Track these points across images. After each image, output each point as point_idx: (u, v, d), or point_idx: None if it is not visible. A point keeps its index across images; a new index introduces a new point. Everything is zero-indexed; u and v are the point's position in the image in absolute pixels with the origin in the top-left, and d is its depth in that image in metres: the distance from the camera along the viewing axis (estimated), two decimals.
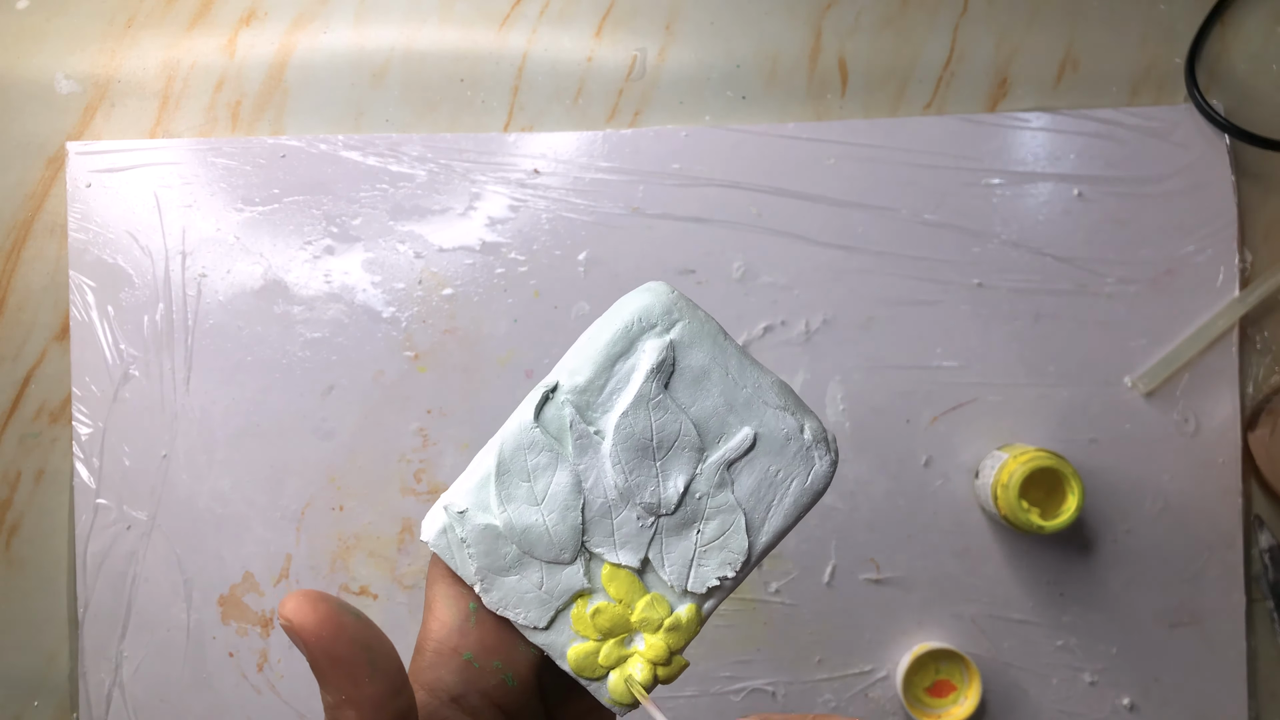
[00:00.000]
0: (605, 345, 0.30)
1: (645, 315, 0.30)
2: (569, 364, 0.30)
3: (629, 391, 0.29)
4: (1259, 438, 0.57)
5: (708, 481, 0.30)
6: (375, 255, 0.60)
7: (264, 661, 0.59)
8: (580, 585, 0.30)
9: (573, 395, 0.29)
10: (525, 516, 0.29)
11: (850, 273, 0.59)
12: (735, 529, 0.30)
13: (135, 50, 0.62)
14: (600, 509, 0.30)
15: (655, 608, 0.30)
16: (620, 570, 0.30)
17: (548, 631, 0.30)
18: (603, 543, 0.30)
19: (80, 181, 0.60)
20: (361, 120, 0.61)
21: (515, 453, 0.29)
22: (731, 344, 0.31)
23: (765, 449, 0.30)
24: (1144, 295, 0.59)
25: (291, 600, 0.24)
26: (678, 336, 0.30)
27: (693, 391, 0.30)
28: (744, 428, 0.30)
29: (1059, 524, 0.53)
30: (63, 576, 0.60)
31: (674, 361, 0.30)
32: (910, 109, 0.60)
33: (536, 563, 0.29)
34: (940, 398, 0.59)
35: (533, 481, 0.29)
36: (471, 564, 0.29)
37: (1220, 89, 0.60)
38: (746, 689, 0.58)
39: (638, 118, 0.61)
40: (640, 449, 0.29)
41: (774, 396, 0.30)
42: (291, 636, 0.24)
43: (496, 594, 0.29)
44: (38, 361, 0.60)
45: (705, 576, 0.30)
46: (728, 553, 0.30)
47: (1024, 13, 0.61)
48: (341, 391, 0.60)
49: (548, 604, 0.29)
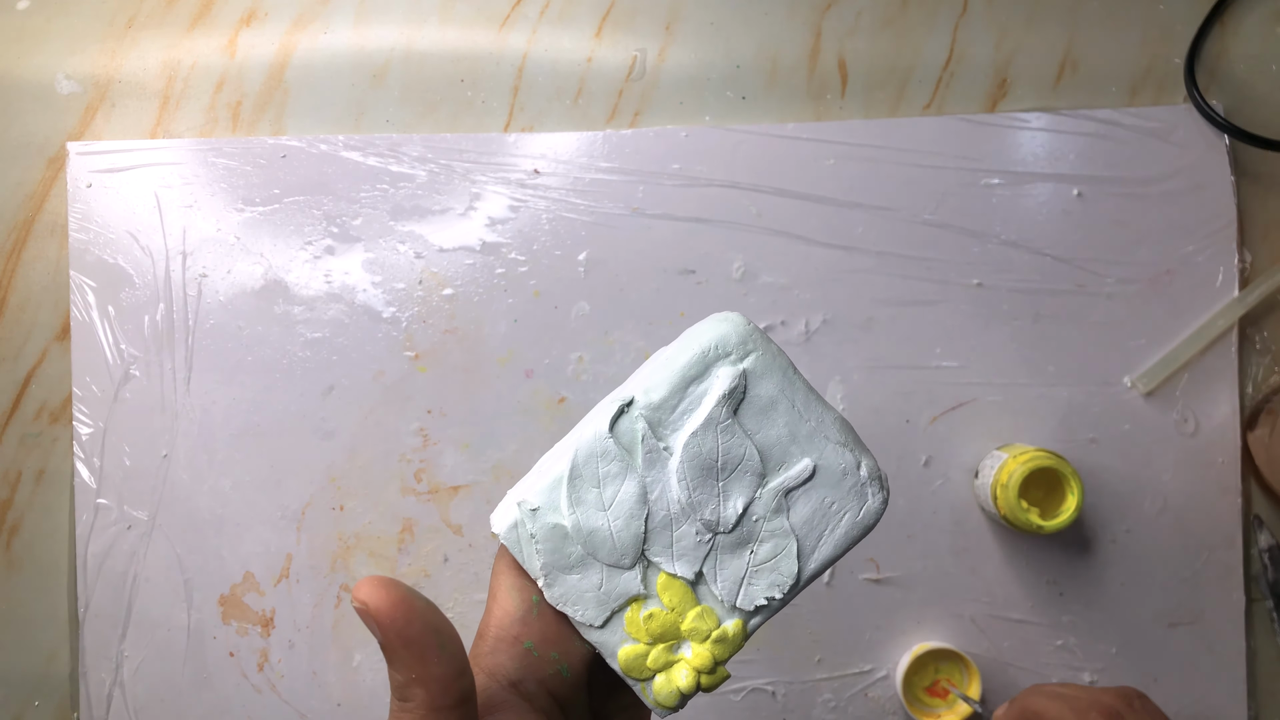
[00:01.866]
0: (682, 368, 0.31)
1: (722, 343, 0.31)
2: (644, 381, 0.32)
3: (700, 413, 0.31)
4: (1258, 438, 0.57)
5: (765, 506, 0.31)
6: (375, 255, 0.60)
7: (264, 661, 0.59)
8: (636, 590, 0.31)
9: (646, 411, 0.31)
10: (592, 520, 0.31)
11: (850, 273, 0.59)
12: (787, 553, 0.32)
13: (136, 51, 0.62)
14: (662, 521, 0.31)
15: (705, 619, 0.31)
16: (675, 580, 0.31)
17: (602, 630, 0.31)
18: (661, 553, 0.31)
19: (81, 181, 0.61)
20: (362, 120, 0.61)
21: (588, 459, 0.31)
22: (800, 379, 0.32)
23: (823, 481, 0.32)
24: (1144, 295, 0.59)
25: (365, 585, 0.25)
26: (750, 366, 0.32)
27: (759, 420, 0.31)
28: (805, 459, 0.32)
29: (1058, 524, 0.53)
30: (63, 576, 0.60)
31: (745, 390, 0.31)
32: (910, 109, 0.60)
33: (598, 565, 0.31)
34: (940, 398, 0.59)
35: (602, 488, 0.31)
36: (538, 560, 0.31)
37: (1220, 89, 0.60)
38: (746, 689, 0.58)
39: (638, 118, 0.61)
40: (705, 469, 0.31)
41: (835, 432, 0.32)
42: (365, 619, 0.26)
43: (558, 590, 0.31)
44: (38, 361, 0.60)
45: (754, 595, 0.32)
46: (778, 575, 0.32)
47: (1023, 13, 0.61)
48: (342, 391, 0.60)
49: (605, 604, 0.31)
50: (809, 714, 0.58)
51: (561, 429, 0.59)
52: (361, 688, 0.59)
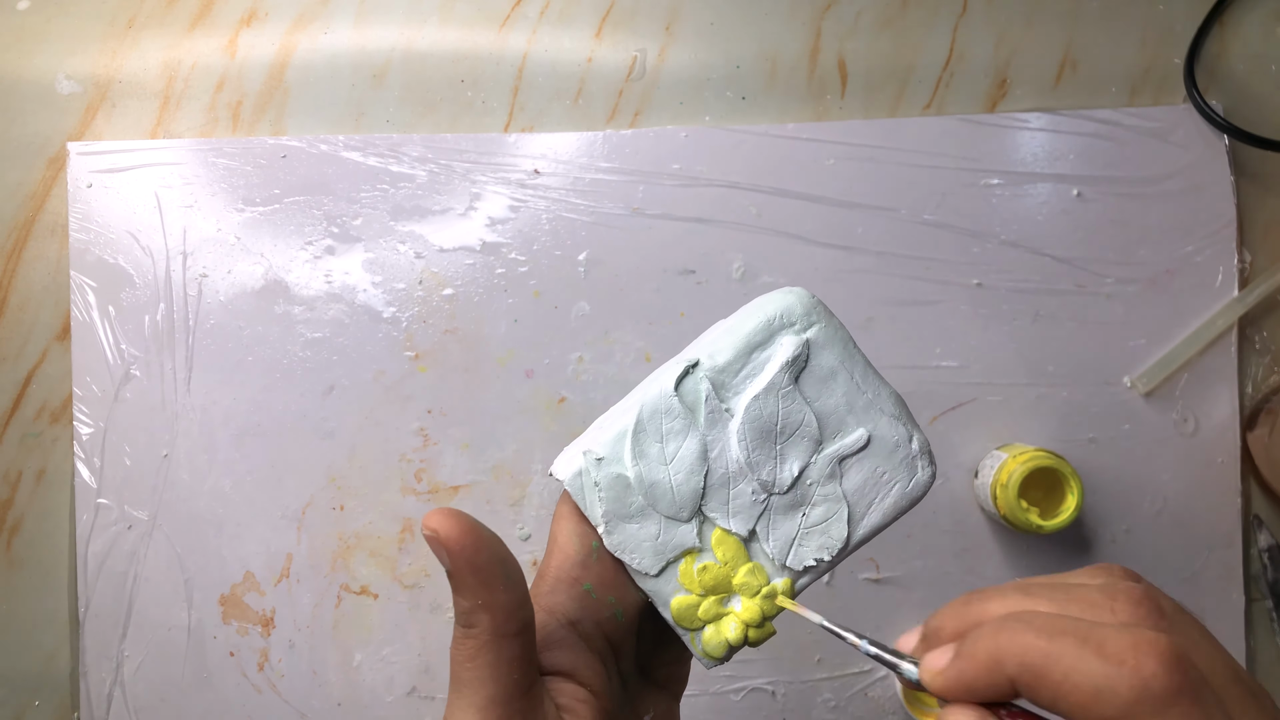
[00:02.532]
0: (748, 334, 0.33)
1: (787, 313, 0.33)
2: (709, 345, 0.33)
3: (762, 378, 0.32)
4: (1258, 437, 0.57)
5: (820, 471, 0.33)
6: (376, 255, 0.60)
7: (265, 661, 0.59)
8: (692, 543, 0.33)
9: (711, 373, 0.32)
10: (654, 473, 0.32)
11: (850, 273, 0.59)
12: (838, 518, 0.33)
13: (136, 51, 0.62)
14: (720, 478, 0.33)
15: (756, 575, 0.33)
16: (730, 536, 0.33)
17: (657, 579, 0.32)
18: (718, 509, 0.33)
19: (81, 182, 0.61)
20: (362, 121, 0.61)
21: (653, 415, 0.32)
22: (859, 353, 0.34)
23: (876, 451, 0.33)
24: (1143, 295, 0.59)
25: (436, 515, 0.27)
26: (814, 337, 0.33)
27: (819, 389, 0.33)
28: (860, 428, 0.33)
29: (1058, 524, 0.54)
30: (64, 576, 0.60)
31: (807, 358, 0.33)
32: (910, 109, 0.61)
33: (657, 516, 0.32)
34: (940, 398, 0.59)
35: (665, 443, 0.32)
36: (600, 507, 0.32)
37: (1219, 89, 0.60)
38: (746, 688, 0.58)
39: (638, 118, 0.61)
40: (765, 431, 0.32)
41: (890, 406, 0.33)
42: (434, 547, 0.27)
43: (618, 537, 0.32)
44: (39, 361, 0.60)
45: (804, 556, 0.33)
46: (827, 538, 0.33)
47: (1023, 13, 0.61)
48: (342, 391, 0.60)
49: (661, 555, 0.32)
50: (809, 714, 0.58)
51: (562, 429, 0.59)
52: (362, 687, 0.59)
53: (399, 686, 0.59)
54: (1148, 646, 0.21)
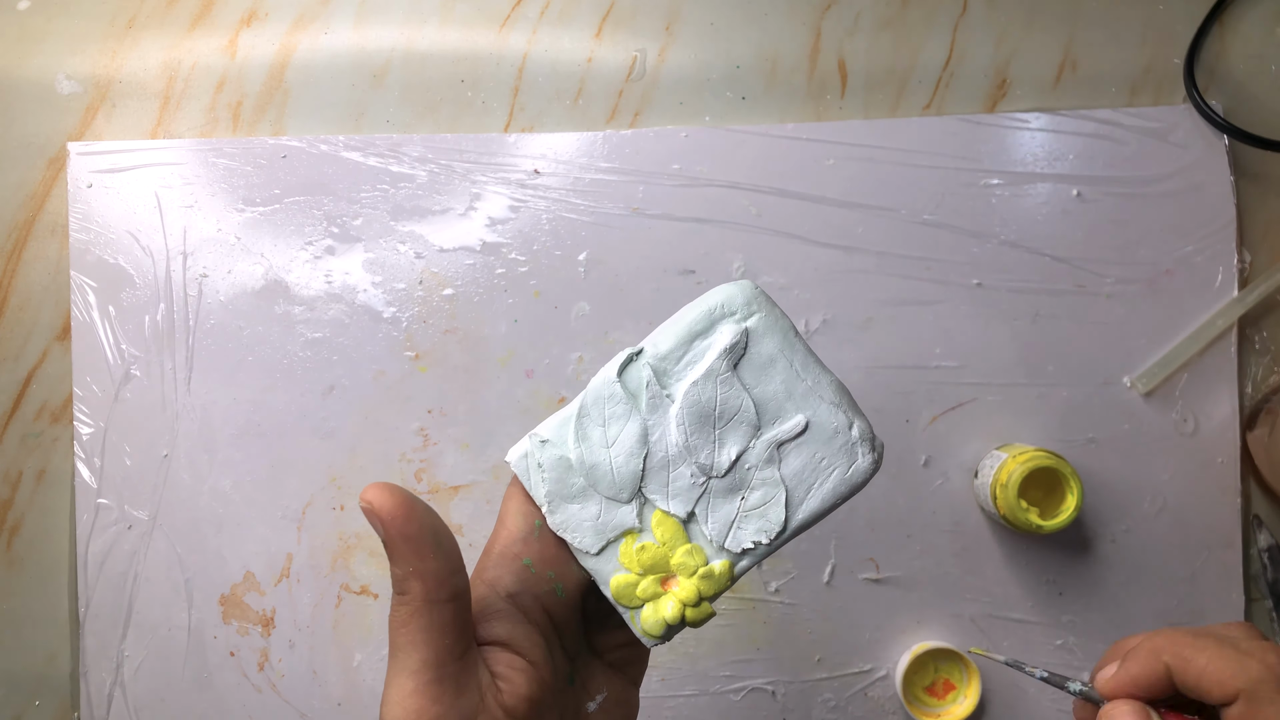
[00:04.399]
0: (689, 323, 0.34)
1: (728, 303, 0.34)
2: (654, 335, 0.34)
3: (701, 365, 0.33)
4: (1258, 437, 0.57)
5: (758, 456, 0.34)
6: (376, 255, 0.60)
7: (265, 661, 0.59)
8: (631, 524, 0.34)
9: (653, 360, 0.34)
10: (595, 455, 0.33)
11: (850, 273, 0.59)
12: (775, 502, 0.34)
13: (136, 51, 0.62)
14: (660, 461, 0.34)
15: (694, 555, 0.34)
16: (669, 518, 0.34)
17: (597, 558, 0.34)
18: (657, 491, 0.34)
19: (81, 182, 0.61)
20: (362, 121, 0.61)
21: (596, 401, 0.34)
22: (801, 342, 0.35)
23: (814, 437, 0.34)
24: (1143, 295, 0.59)
25: (372, 488, 0.29)
26: (753, 325, 0.34)
27: (758, 375, 0.34)
28: (798, 415, 0.34)
29: (1058, 523, 0.54)
30: (64, 576, 0.60)
31: (745, 346, 0.34)
32: (909, 109, 0.61)
33: (598, 497, 0.34)
34: (939, 397, 0.59)
35: (606, 427, 0.33)
36: (543, 487, 0.33)
37: (1219, 89, 0.60)
38: (746, 688, 0.58)
39: (638, 118, 0.61)
40: (703, 416, 0.33)
41: (830, 393, 0.34)
42: (370, 518, 0.29)
43: (559, 517, 0.33)
44: (39, 361, 0.60)
45: (742, 539, 0.34)
46: (765, 521, 0.34)
47: (1023, 14, 0.61)
48: (342, 391, 0.60)
49: (601, 534, 0.33)
50: (809, 714, 0.58)
51: None
52: (362, 687, 0.59)
53: None
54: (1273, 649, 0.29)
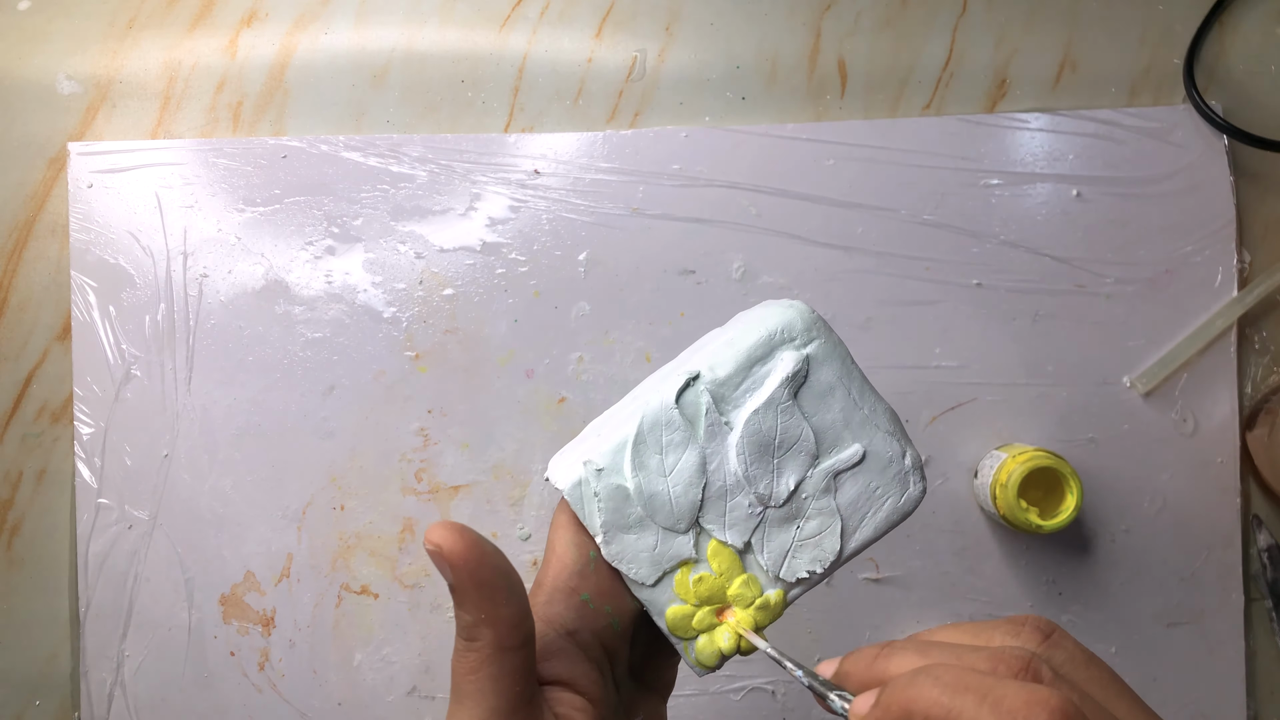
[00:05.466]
0: (749, 348, 0.33)
1: (788, 328, 0.33)
2: (710, 358, 0.34)
3: (762, 393, 0.33)
4: (1257, 437, 0.57)
5: (815, 485, 0.33)
6: (376, 256, 0.60)
7: (265, 660, 0.59)
8: (688, 554, 0.33)
9: (711, 386, 0.33)
10: (653, 484, 0.33)
11: (849, 273, 0.59)
12: (831, 531, 0.34)
13: (136, 51, 0.62)
14: (718, 491, 0.33)
15: (750, 586, 0.33)
16: (725, 548, 0.33)
17: (653, 589, 0.33)
18: (714, 521, 0.33)
19: (82, 182, 0.61)
20: (362, 121, 0.61)
21: (654, 427, 0.33)
22: (857, 369, 0.34)
23: (870, 466, 0.34)
24: (1143, 295, 0.59)
25: (439, 529, 0.27)
26: (813, 352, 0.33)
27: (817, 404, 0.33)
28: (856, 444, 0.34)
29: (1057, 523, 0.54)
30: (64, 576, 0.60)
31: (806, 374, 0.33)
32: (909, 110, 0.61)
33: (654, 527, 0.33)
34: (939, 398, 0.59)
35: (664, 455, 0.33)
36: (599, 517, 0.33)
37: (1219, 89, 0.60)
38: (746, 688, 0.58)
39: (638, 118, 0.61)
40: (763, 445, 0.33)
41: (885, 422, 0.34)
42: (437, 561, 0.27)
43: (615, 548, 0.33)
44: (39, 361, 0.60)
45: (797, 568, 0.34)
46: (820, 551, 0.34)
47: (1023, 14, 0.61)
48: (342, 391, 0.60)
49: (658, 565, 0.33)
50: (809, 714, 0.58)
51: (562, 429, 0.59)
52: (362, 687, 0.59)
53: (399, 686, 0.59)
54: (1039, 705, 0.22)
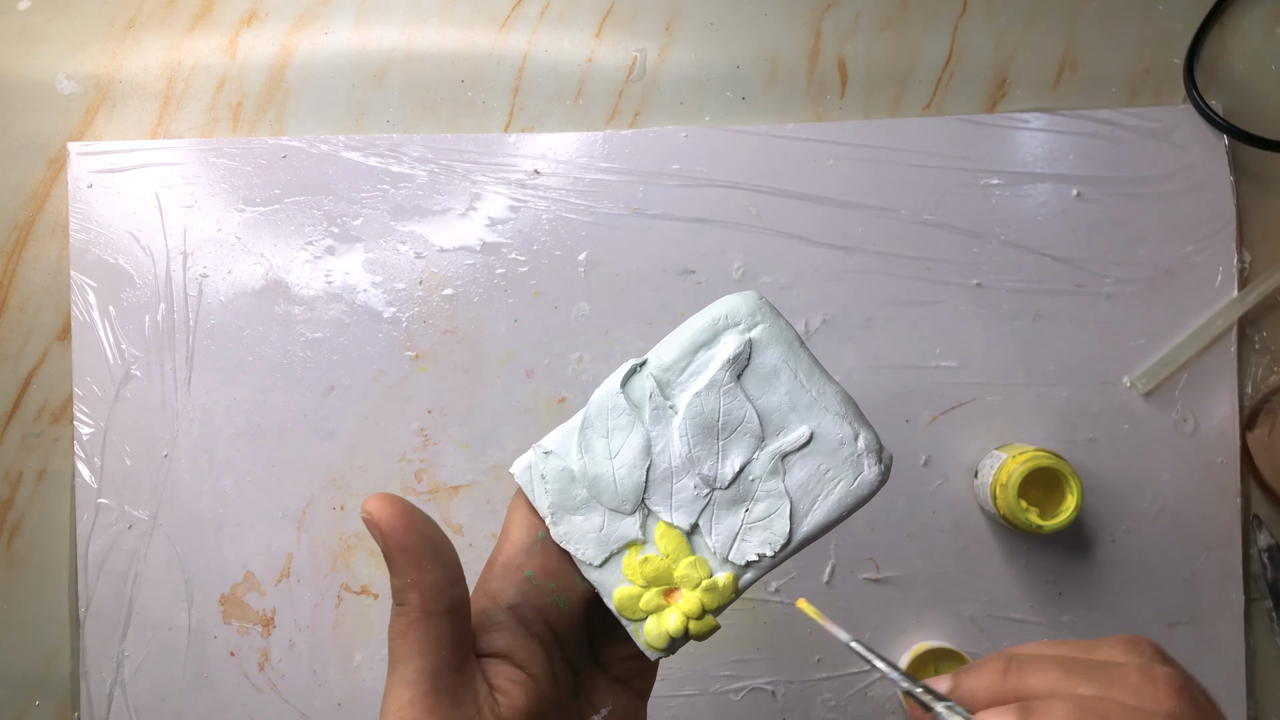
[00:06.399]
0: (693, 334, 0.34)
1: (732, 314, 0.34)
2: (657, 346, 0.34)
3: (705, 375, 0.33)
4: (1257, 437, 0.57)
5: (762, 467, 0.33)
6: (376, 255, 0.60)
7: (265, 660, 0.59)
8: (634, 536, 0.33)
9: (657, 371, 0.34)
10: (598, 467, 0.33)
11: (850, 273, 0.59)
12: (780, 514, 0.33)
13: (136, 51, 0.62)
14: (663, 473, 0.33)
15: (697, 568, 0.33)
16: (672, 530, 0.33)
17: (600, 570, 0.33)
18: (661, 503, 0.33)
19: (81, 182, 0.61)
20: (362, 121, 0.61)
21: (599, 412, 0.33)
22: (805, 352, 0.34)
23: (819, 448, 0.33)
24: (1143, 295, 0.59)
25: (372, 499, 0.29)
26: (757, 336, 0.34)
27: (761, 386, 0.33)
28: (803, 426, 0.33)
29: (1058, 523, 0.54)
30: (64, 576, 0.60)
31: (749, 357, 0.34)
32: (909, 110, 0.61)
33: (601, 508, 0.33)
34: (939, 398, 0.59)
35: (609, 438, 0.33)
36: (546, 499, 0.33)
37: (1219, 89, 0.60)
38: (746, 688, 0.58)
39: (638, 118, 0.61)
40: (706, 427, 0.33)
41: (836, 404, 0.34)
42: (370, 528, 0.29)
43: (562, 528, 0.33)
44: (39, 361, 0.60)
45: (746, 551, 0.33)
46: (770, 534, 0.33)
47: (1023, 13, 0.61)
48: (342, 391, 0.60)
49: (604, 546, 0.33)
50: (809, 714, 0.58)
51: None
52: (362, 687, 0.59)
53: None
54: None
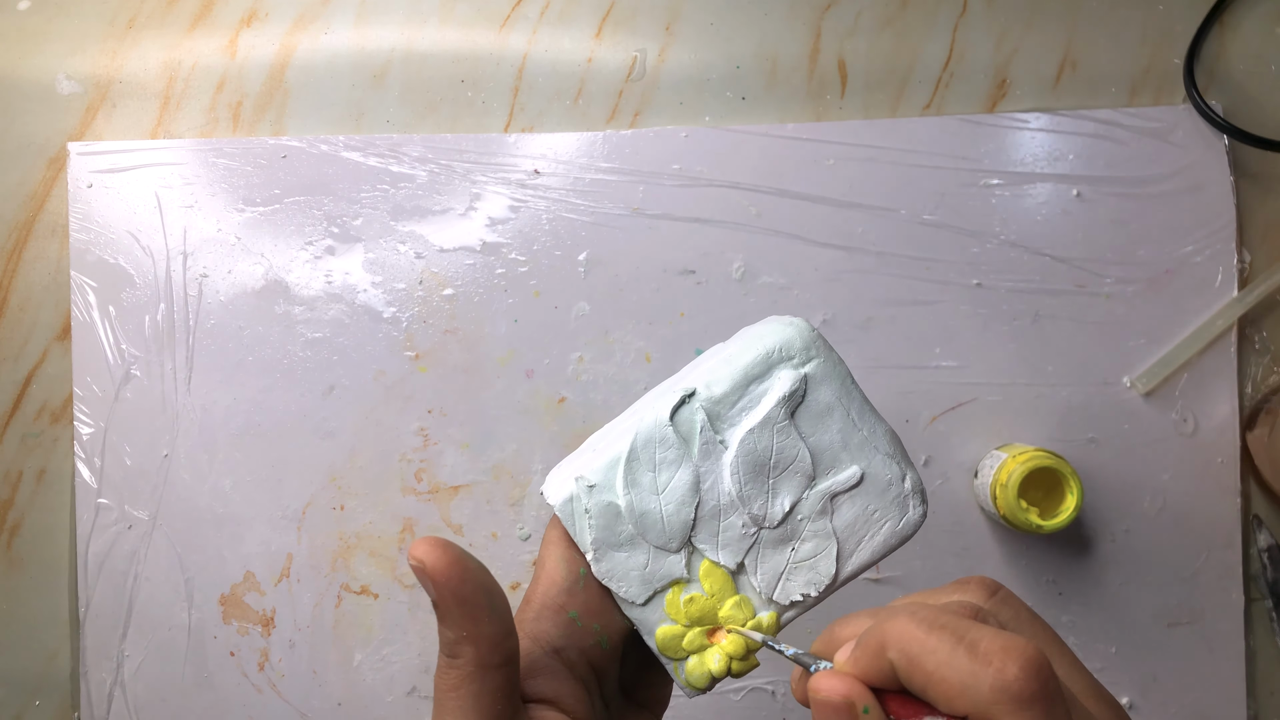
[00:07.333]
0: (745, 366, 0.33)
1: (786, 347, 0.33)
2: (706, 375, 0.32)
3: (758, 412, 0.32)
4: (1257, 437, 0.57)
5: (811, 507, 0.33)
6: (376, 255, 0.60)
7: (265, 661, 0.59)
8: (679, 574, 0.32)
9: (707, 404, 0.32)
10: (645, 502, 0.32)
11: (850, 273, 0.59)
12: (827, 554, 0.33)
13: (136, 51, 0.62)
14: (711, 510, 0.32)
15: (742, 608, 0.33)
16: (718, 569, 0.33)
17: (643, 608, 0.32)
18: (707, 540, 0.33)
19: (81, 182, 0.61)
20: (362, 121, 0.61)
21: (647, 444, 0.32)
22: (857, 389, 0.34)
23: (868, 489, 0.33)
24: (1143, 295, 0.59)
25: (422, 544, 0.27)
26: (811, 371, 0.33)
27: (814, 424, 0.33)
28: (854, 466, 0.33)
29: (1058, 524, 0.54)
30: (64, 576, 0.60)
31: (804, 394, 0.33)
32: (909, 110, 0.61)
33: (646, 545, 0.32)
34: (939, 397, 0.59)
35: (657, 473, 0.32)
36: (589, 534, 0.32)
37: (1219, 89, 0.60)
38: (746, 688, 0.58)
39: (638, 118, 0.61)
40: (758, 465, 0.32)
41: (885, 444, 0.33)
42: (420, 577, 0.27)
43: (606, 565, 0.32)
44: (39, 361, 0.60)
45: (790, 591, 0.33)
46: (815, 574, 0.33)
47: (1023, 13, 0.61)
48: (342, 391, 0.60)
49: (649, 584, 0.32)
50: (809, 714, 0.58)
51: (562, 429, 0.59)
52: (362, 687, 0.59)
53: (399, 686, 0.59)
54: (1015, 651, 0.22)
